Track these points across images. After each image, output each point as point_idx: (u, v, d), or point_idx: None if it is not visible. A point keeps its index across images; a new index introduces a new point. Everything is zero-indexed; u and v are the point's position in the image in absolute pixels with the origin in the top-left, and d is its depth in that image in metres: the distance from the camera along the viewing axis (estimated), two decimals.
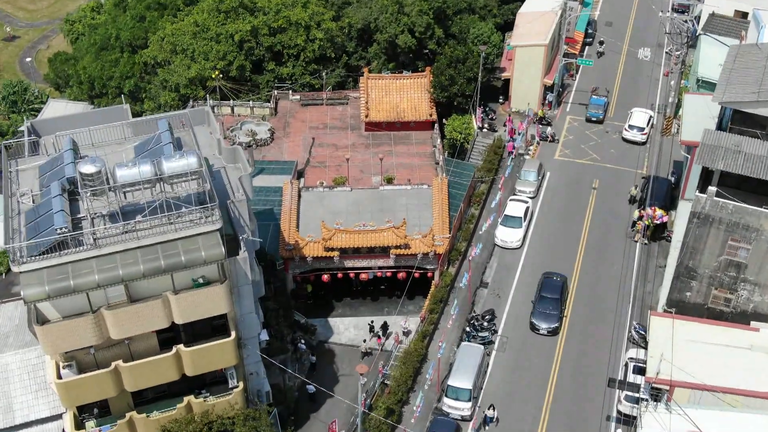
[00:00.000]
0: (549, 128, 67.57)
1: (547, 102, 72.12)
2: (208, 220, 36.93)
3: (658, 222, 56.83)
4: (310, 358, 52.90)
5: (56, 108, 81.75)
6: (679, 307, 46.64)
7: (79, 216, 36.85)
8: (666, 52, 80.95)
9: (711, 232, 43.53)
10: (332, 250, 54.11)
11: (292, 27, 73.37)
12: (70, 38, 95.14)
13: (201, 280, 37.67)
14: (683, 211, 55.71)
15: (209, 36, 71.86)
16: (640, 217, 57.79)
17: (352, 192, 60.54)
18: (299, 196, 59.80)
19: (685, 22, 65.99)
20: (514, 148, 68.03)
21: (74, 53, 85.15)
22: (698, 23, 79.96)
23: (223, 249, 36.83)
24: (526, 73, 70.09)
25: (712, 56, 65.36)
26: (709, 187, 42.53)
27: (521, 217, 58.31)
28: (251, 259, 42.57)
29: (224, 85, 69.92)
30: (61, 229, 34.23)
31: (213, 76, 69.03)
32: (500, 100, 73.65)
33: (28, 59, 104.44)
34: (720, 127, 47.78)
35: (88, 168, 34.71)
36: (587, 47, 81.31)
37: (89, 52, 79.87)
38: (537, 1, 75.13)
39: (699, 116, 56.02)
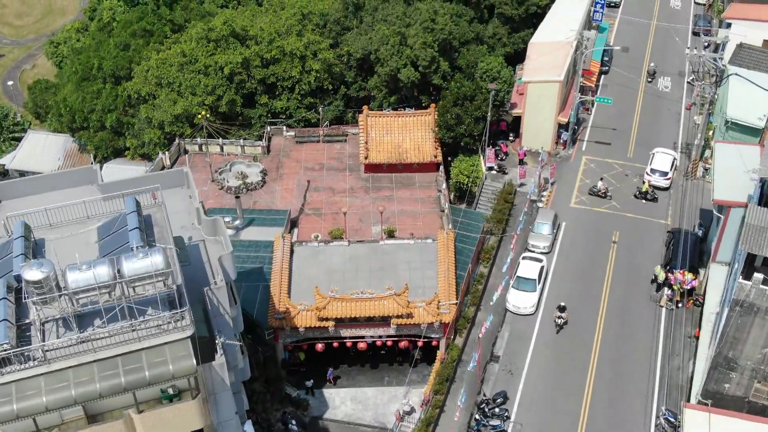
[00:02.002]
0: (600, 182, 61.58)
1: (561, 141, 66.68)
2: (178, 325, 31.62)
3: (688, 287, 51.43)
4: None
5: (35, 140, 77.21)
6: (716, 399, 41.40)
7: (27, 322, 31.56)
8: (688, 82, 75.48)
9: (755, 322, 38.21)
10: (327, 320, 48.84)
11: (286, 58, 68.18)
12: (53, 61, 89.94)
13: (171, 391, 32.39)
14: (715, 275, 50.78)
15: (197, 68, 66.55)
16: (667, 281, 52.35)
17: (349, 247, 55.29)
18: (292, 251, 54.55)
19: (714, 60, 60.36)
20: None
21: (56, 81, 79.89)
22: (722, 50, 74.57)
23: (195, 361, 31.53)
24: (538, 110, 64.70)
25: (741, 95, 60.05)
26: (755, 275, 37.19)
27: (535, 279, 52.91)
28: (232, 354, 37.40)
29: (212, 126, 64.62)
30: (2, 345, 28.98)
31: (200, 116, 63.69)
32: (510, 138, 68.24)
33: (10, 82, 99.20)
34: (762, 194, 42.33)
35: (33, 274, 29.39)
36: (603, 76, 75.79)
37: (71, 81, 74.59)
38: (550, 29, 69.66)
39: (732, 170, 50.73)
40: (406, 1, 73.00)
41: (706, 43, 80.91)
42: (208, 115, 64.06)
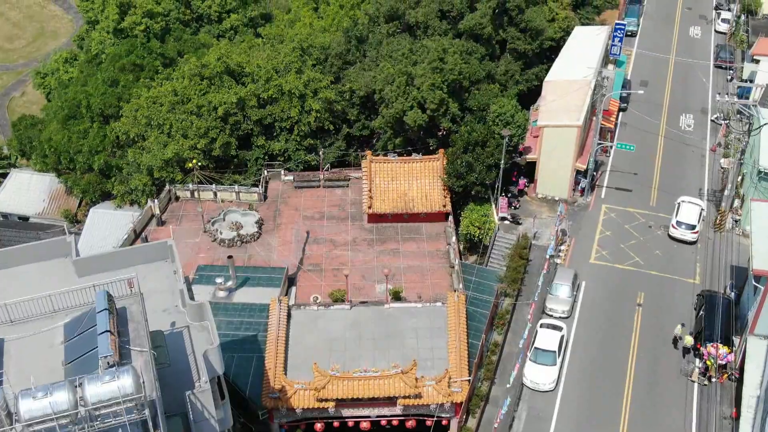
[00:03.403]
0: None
1: (579, 188, 62.15)
2: None
3: (723, 362, 46.84)
4: None
5: (20, 180, 72.73)
6: None
7: None
8: (712, 120, 70.93)
9: None
10: (327, 401, 44.27)
11: (284, 97, 63.77)
12: (41, 91, 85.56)
13: None
14: (754, 350, 46.10)
15: (189, 108, 62.11)
16: (699, 352, 47.82)
17: (351, 310, 50.83)
18: (289, 316, 50.02)
19: (747, 107, 55.74)
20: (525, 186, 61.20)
21: (42, 116, 75.38)
22: (748, 91, 70.17)
23: None
24: (555, 155, 60.25)
25: None
26: None
27: (555, 352, 48.25)
28: None
29: (203, 175, 60.17)
30: None
31: (191, 164, 59.22)
32: (525, 184, 63.62)
33: None
34: None
35: None
36: (621, 113, 71.25)
37: (57, 117, 70.07)
38: (566, 65, 65.37)
39: None
40: (412, 34, 68.68)
41: (729, 77, 76.51)
42: (199, 164, 59.55)
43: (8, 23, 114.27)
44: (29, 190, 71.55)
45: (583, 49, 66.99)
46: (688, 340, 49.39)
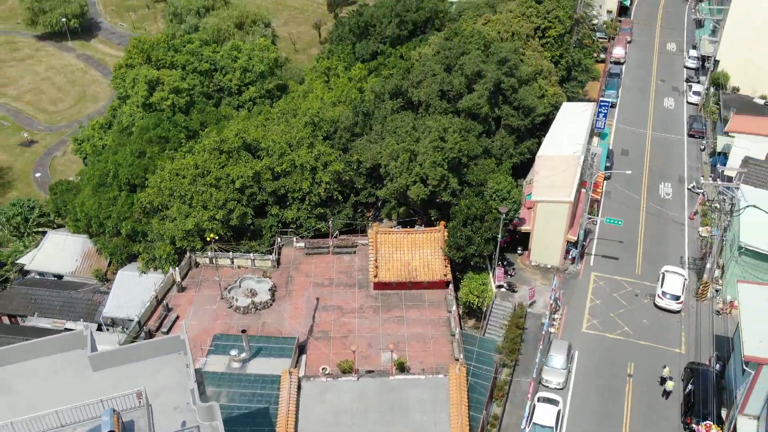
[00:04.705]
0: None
1: (570, 257, 57.62)
2: None
3: None
4: None
5: (55, 241, 68.19)
6: None
7: None
8: (689, 189, 66.50)
9: None
10: None
11: (297, 170, 59.48)
12: (78, 155, 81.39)
13: None
14: (744, 429, 41.23)
15: (209, 181, 57.74)
16: (689, 427, 43.11)
17: (358, 382, 45.96)
18: (299, 387, 45.24)
19: (729, 189, 51.31)
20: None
21: (77, 181, 71.16)
22: (715, 154, 65.85)
23: None
24: (548, 228, 55.90)
25: (755, 221, 51.08)
26: None
27: (552, 428, 43.50)
28: None
29: (221, 247, 55.74)
30: None
31: (209, 237, 54.81)
32: (519, 252, 59.14)
33: (38, 174, 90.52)
34: None
35: None
36: (606, 182, 66.84)
37: (89, 184, 65.84)
38: (556, 140, 60.82)
39: (760, 317, 41.55)
40: (414, 110, 64.46)
41: (702, 147, 72.23)
42: (217, 236, 55.14)
43: (53, 87, 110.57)
44: (64, 250, 67.09)
45: (571, 125, 62.57)
46: (670, 385, 45.71)
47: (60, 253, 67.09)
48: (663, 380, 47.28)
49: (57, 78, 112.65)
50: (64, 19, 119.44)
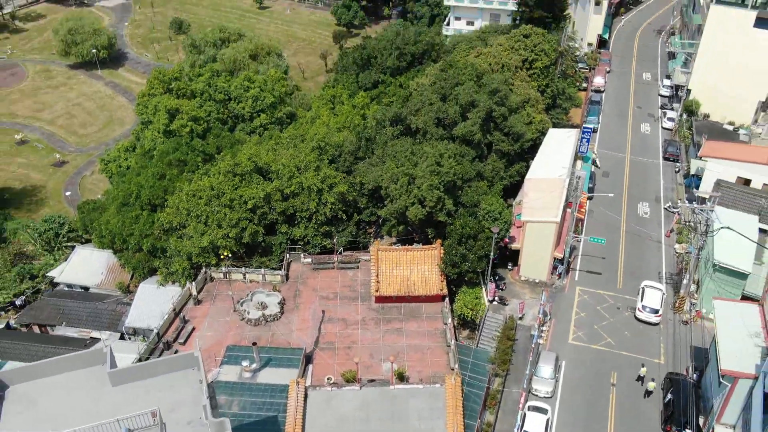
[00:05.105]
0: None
1: (556, 273, 56.33)
2: None
3: None
4: None
5: (83, 255, 66.86)
6: None
7: None
8: (665, 208, 65.26)
9: None
10: None
11: (304, 192, 58.19)
12: (105, 175, 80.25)
13: None
14: None
15: (223, 201, 56.53)
16: None
17: (361, 391, 44.66)
18: (306, 396, 43.90)
19: (703, 211, 50.07)
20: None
21: (103, 200, 69.96)
22: (689, 175, 64.66)
23: None
24: (536, 246, 54.64)
25: (728, 240, 49.82)
26: None
27: None
28: None
29: (233, 264, 54.49)
30: None
31: (223, 256, 53.57)
32: (509, 267, 57.86)
33: (68, 192, 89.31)
34: None
35: None
36: (588, 201, 65.58)
37: (114, 203, 64.70)
38: (544, 163, 59.91)
39: (735, 332, 40.24)
40: (413, 136, 63.34)
41: (677, 169, 71.06)
42: (230, 254, 53.91)
43: (84, 112, 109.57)
44: (90, 264, 65.77)
45: (556, 150, 61.60)
46: (651, 385, 44.81)
47: (87, 266, 65.79)
48: (640, 378, 46.05)
49: (87, 103, 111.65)
50: (94, 50, 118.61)
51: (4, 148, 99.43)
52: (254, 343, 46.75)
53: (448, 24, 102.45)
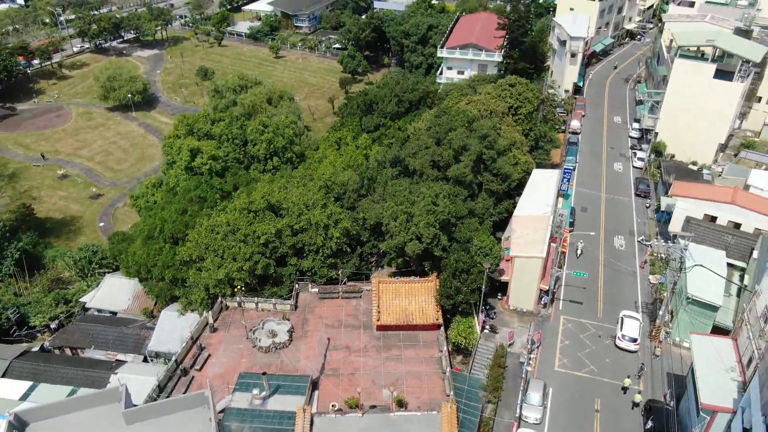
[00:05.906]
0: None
1: (542, 303, 53.38)
2: None
3: None
4: None
5: (112, 283, 63.94)
6: None
7: None
8: (639, 241, 62.45)
9: None
10: None
11: (312, 227, 55.40)
12: (134, 209, 77.55)
13: None
14: None
15: (239, 237, 53.77)
16: None
17: (363, 418, 41.46)
18: (312, 423, 40.74)
19: (677, 249, 47.36)
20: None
21: (131, 232, 67.22)
22: (659, 211, 61.90)
23: None
24: (523, 278, 51.78)
25: (700, 275, 46.94)
26: None
27: None
28: None
29: (246, 294, 51.60)
30: None
31: (237, 288, 50.72)
32: (498, 297, 54.92)
33: (102, 223, 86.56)
34: None
35: None
36: (570, 233, 62.74)
37: (140, 236, 61.99)
38: (529, 202, 57.17)
39: (712, 367, 37.23)
40: (410, 176, 60.74)
41: (647, 205, 68.37)
42: (243, 287, 51.06)
43: (119, 149, 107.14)
44: (118, 291, 62.87)
45: (540, 189, 58.98)
46: (638, 398, 42.30)
47: (115, 293, 62.90)
48: (624, 389, 42.97)
49: (122, 142, 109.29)
50: (130, 95, 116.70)
51: (48, 182, 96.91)
52: (264, 373, 43.63)
53: (440, 73, 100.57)
